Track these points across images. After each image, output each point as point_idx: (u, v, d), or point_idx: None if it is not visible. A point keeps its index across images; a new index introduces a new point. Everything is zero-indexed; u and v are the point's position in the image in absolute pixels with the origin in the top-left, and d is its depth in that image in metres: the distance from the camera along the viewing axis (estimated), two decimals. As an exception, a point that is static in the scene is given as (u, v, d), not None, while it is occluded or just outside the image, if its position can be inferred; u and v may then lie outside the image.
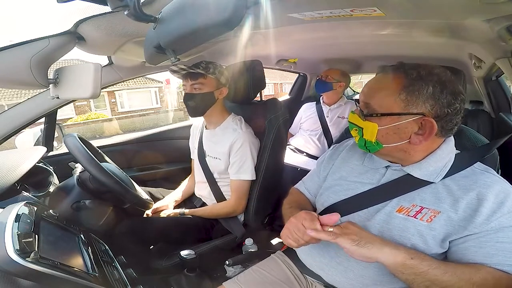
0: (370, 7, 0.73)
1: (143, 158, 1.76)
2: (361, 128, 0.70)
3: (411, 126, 0.64)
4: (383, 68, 0.70)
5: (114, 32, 0.78)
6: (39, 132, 1.42)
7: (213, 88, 1.19)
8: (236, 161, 1.19)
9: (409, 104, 0.63)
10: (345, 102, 2.10)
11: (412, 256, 0.58)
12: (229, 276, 1.00)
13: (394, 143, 0.66)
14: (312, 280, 0.80)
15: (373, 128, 0.67)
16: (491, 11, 0.72)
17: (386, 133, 0.66)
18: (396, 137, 0.66)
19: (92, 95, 0.73)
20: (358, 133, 0.71)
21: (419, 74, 0.63)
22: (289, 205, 0.89)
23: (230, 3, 0.43)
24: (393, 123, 0.64)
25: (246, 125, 1.26)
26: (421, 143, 0.65)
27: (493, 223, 0.57)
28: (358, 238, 0.59)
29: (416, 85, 0.62)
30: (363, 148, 0.73)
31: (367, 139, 0.69)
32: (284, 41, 1.42)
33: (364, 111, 0.69)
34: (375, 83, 0.70)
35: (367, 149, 0.72)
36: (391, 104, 0.64)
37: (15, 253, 0.54)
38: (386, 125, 0.65)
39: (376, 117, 0.66)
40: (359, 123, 0.70)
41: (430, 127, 0.62)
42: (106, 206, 1.02)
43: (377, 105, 0.66)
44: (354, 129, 0.73)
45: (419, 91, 0.62)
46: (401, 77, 0.64)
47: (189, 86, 1.17)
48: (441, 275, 0.56)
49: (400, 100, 0.63)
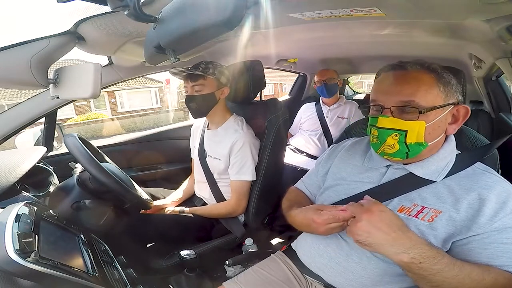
0: (370, 7, 0.73)
1: (143, 158, 1.76)
2: (405, 131, 0.63)
3: (448, 117, 0.66)
4: (399, 66, 0.67)
5: (114, 32, 0.78)
6: (39, 132, 1.42)
7: (214, 88, 1.18)
8: (236, 161, 1.19)
9: (448, 95, 0.65)
10: (344, 102, 2.10)
11: (422, 261, 0.54)
12: (229, 276, 1.00)
13: (437, 138, 0.66)
14: (312, 280, 0.80)
15: (420, 127, 0.63)
16: (491, 11, 0.72)
17: (433, 129, 0.64)
18: (440, 130, 0.66)
19: (92, 95, 0.73)
20: (400, 138, 0.64)
21: (437, 68, 0.65)
22: (289, 202, 0.88)
23: (230, 3, 0.43)
24: (438, 116, 0.64)
25: (247, 126, 1.26)
26: (455, 131, 0.68)
27: (496, 223, 0.57)
28: (363, 238, 0.58)
29: (445, 77, 0.65)
30: (402, 156, 0.66)
31: (413, 142, 0.64)
32: (284, 41, 1.43)
33: (404, 109, 0.63)
34: (405, 80, 0.65)
35: (407, 155, 0.65)
36: (435, 98, 0.64)
37: (15, 253, 0.54)
38: (432, 120, 0.64)
39: (423, 114, 0.62)
40: (401, 125, 0.63)
41: (464, 113, 0.66)
42: (106, 206, 1.01)
43: (423, 100, 0.62)
44: (393, 135, 0.64)
45: (449, 83, 0.65)
46: (427, 71, 0.65)
47: (190, 88, 1.17)
48: (451, 277, 0.54)
49: (441, 92, 0.64)
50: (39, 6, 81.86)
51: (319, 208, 0.70)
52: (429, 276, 0.55)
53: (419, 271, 0.55)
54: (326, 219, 0.66)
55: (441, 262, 0.54)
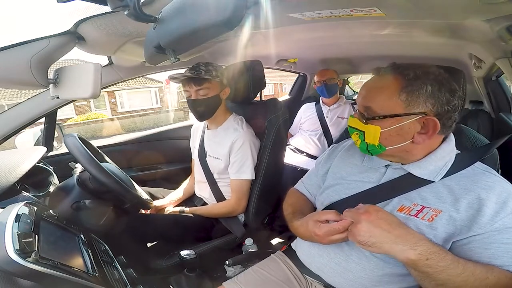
0: (370, 7, 0.73)
1: (143, 158, 1.76)
2: (363, 132, 0.69)
3: (414, 126, 0.64)
4: (377, 70, 0.70)
5: (114, 32, 0.78)
6: (39, 132, 1.42)
7: (218, 90, 1.18)
8: (236, 160, 1.19)
9: (410, 104, 0.63)
10: (344, 102, 2.10)
11: (429, 257, 0.55)
12: (229, 276, 1.00)
13: (397, 144, 0.66)
14: (312, 280, 0.80)
15: (375, 131, 0.66)
16: (491, 11, 0.72)
17: (389, 135, 0.65)
18: (400, 138, 0.65)
19: (92, 95, 0.73)
20: (360, 137, 0.70)
21: (416, 74, 0.63)
22: (291, 209, 0.88)
23: (230, 3, 0.43)
24: (395, 124, 0.64)
25: (247, 125, 1.26)
26: (424, 142, 0.65)
27: (497, 223, 0.57)
28: (365, 239, 0.58)
29: (414, 85, 0.62)
30: (365, 151, 0.72)
31: (370, 143, 0.68)
32: (284, 41, 1.43)
33: (364, 114, 0.68)
34: (373, 85, 0.69)
35: (369, 152, 0.71)
36: (393, 106, 0.64)
37: (15, 253, 0.54)
38: (389, 127, 0.64)
39: (378, 120, 0.65)
40: (360, 126, 0.69)
41: (434, 125, 0.63)
42: (106, 206, 1.01)
43: (379, 107, 0.65)
44: (355, 133, 0.72)
45: (418, 91, 0.62)
46: (398, 78, 0.64)
47: (194, 92, 1.15)
48: (456, 275, 0.54)
49: (401, 101, 0.63)
50: (39, 6, 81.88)
51: (318, 219, 0.70)
52: (434, 274, 0.54)
53: (425, 268, 0.55)
54: (326, 231, 0.67)
55: (446, 259, 0.55)
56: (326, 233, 0.67)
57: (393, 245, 0.56)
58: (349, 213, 0.64)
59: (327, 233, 0.67)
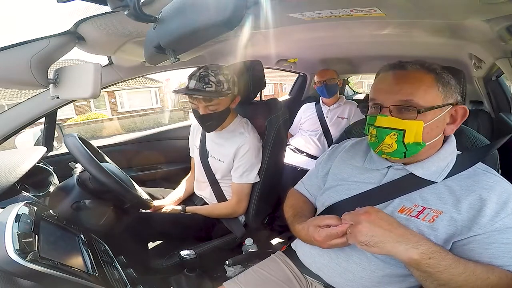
0: (370, 7, 0.73)
1: (143, 158, 1.76)
2: (403, 131, 0.63)
3: (446, 118, 0.66)
4: (392, 66, 0.68)
5: (114, 32, 0.78)
6: (39, 132, 1.42)
7: (229, 102, 1.14)
8: (240, 165, 1.17)
9: (446, 95, 0.65)
10: (344, 102, 2.10)
11: (431, 256, 0.54)
12: (229, 276, 1.00)
13: (434, 138, 0.66)
14: (312, 280, 0.80)
15: (418, 127, 0.63)
16: (491, 11, 0.72)
17: (430, 129, 0.64)
18: (438, 130, 0.66)
19: (92, 95, 0.72)
20: (398, 138, 0.64)
21: (437, 68, 0.66)
22: (292, 211, 0.87)
23: (230, 3, 0.43)
24: (436, 116, 0.64)
25: (253, 128, 1.23)
26: (453, 131, 0.68)
27: (497, 223, 0.57)
28: (367, 239, 0.57)
29: (444, 78, 0.65)
30: (400, 155, 0.66)
31: (411, 141, 0.64)
32: (284, 41, 1.43)
33: (402, 109, 0.63)
34: (405, 80, 0.64)
35: (405, 154, 0.66)
36: (434, 98, 0.64)
37: (15, 253, 0.54)
38: (431, 120, 0.64)
39: (421, 114, 0.62)
40: (400, 125, 0.63)
41: (463, 113, 0.66)
42: (106, 206, 1.01)
43: (423, 100, 0.62)
44: (392, 135, 0.64)
45: (449, 83, 0.65)
46: (424, 72, 0.65)
47: (202, 108, 1.08)
48: (458, 275, 0.54)
49: (440, 92, 0.64)
50: (39, 6, 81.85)
51: (318, 224, 0.70)
52: (437, 274, 0.54)
53: (427, 268, 0.54)
54: (325, 236, 0.66)
55: (447, 258, 0.55)
56: (325, 238, 0.66)
57: (396, 244, 0.55)
58: (348, 215, 0.63)
59: (326, 238, 0.66)
